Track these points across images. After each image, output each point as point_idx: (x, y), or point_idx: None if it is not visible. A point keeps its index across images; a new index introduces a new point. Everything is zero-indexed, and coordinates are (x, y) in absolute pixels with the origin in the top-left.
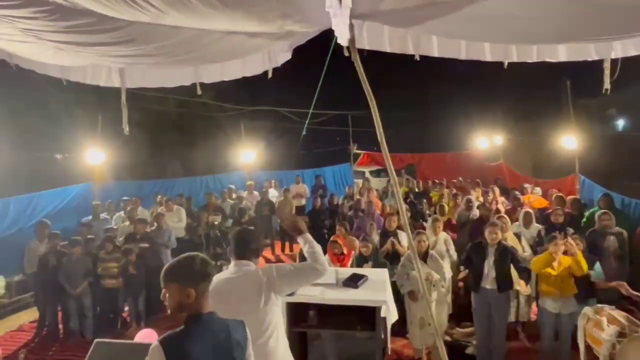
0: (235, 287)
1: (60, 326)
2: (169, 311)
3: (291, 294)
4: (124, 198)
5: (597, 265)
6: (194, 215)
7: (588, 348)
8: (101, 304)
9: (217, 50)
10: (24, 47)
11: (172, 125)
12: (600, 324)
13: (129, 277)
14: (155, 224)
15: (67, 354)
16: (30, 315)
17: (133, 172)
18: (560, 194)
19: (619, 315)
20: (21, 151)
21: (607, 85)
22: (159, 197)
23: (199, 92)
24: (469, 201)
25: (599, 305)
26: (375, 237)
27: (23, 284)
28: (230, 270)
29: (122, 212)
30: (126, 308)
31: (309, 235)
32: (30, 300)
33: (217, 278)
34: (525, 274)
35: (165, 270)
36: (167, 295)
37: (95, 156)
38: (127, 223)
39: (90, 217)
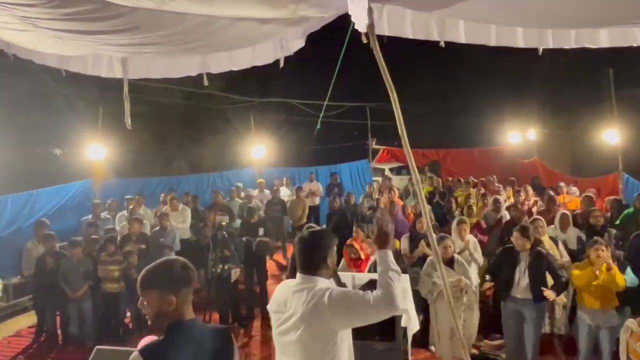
0: (291, 303)
1: (59, 332)
2: (149, 321)
3: None
4: (127, 197)
5: (629, 270)
6: (200, 215)
7: None
8: (102, 308)
9: (226, 37)
10: (22, 36)
11: (178, 118)
12: None
13: (131, 281)
14: (159, 225)
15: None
16: (28, 319)
17: (136, 168)
18: (589, 194)
19: None
20: (18, 146)
21: None
22: (163, 195)
23: (206, 82)
24: (497, 201)
25: None
26: (396, 241)
27: (21, 287)
28: (293, 283)
29: (124, 212)
30: (128, 314)
31: (390, 254)
32: (28, 304)
33: (283, 285)
34: (562, 283)
35: (142, 276)
36: (146, 303)
37: (96, 152)
38: (124, 223)
39: (90, 217)
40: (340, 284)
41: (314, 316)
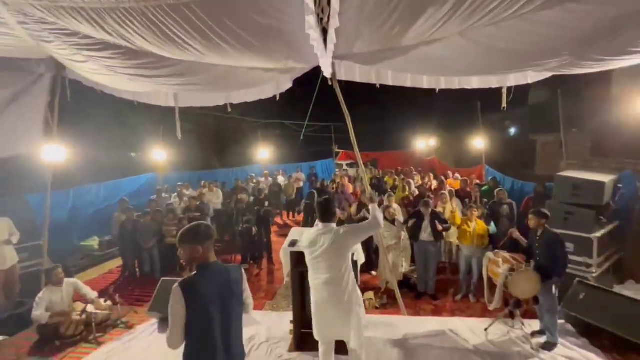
0: (321, 237)
1: (137, 270)
2: (183, 263)
3: (293, 245)
4: (179, 183)
5: (493, 225)
6: (227, 195)
7: (490, 279)
8: (165, 255)
9: (242, 81)
10: (106, 79)
11: (212, 132)
12: (498, 263)
13: None
14: (199, 201)
15: (142, 288)
16: (117, 262)
17: (185, 165)
18: (466, 178)
19: (510, 257)
20: (107, 151)
21: (504, 104)
22: (203, 182)
23: (229, 109)
24: (409, 184)
25: (497, 250)
26: (348, 209)
27: (111, 242)
28: (319, 227)
29: (176, 193)
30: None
31: (376, 205)
32: (117, 253)
33: (309, 232)
34: (447, 228)
35: (179, 235)
36: (182, 252)
37: (159, 154)
38: (177, 200)
39: (155, 196)
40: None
41: (335, 244)
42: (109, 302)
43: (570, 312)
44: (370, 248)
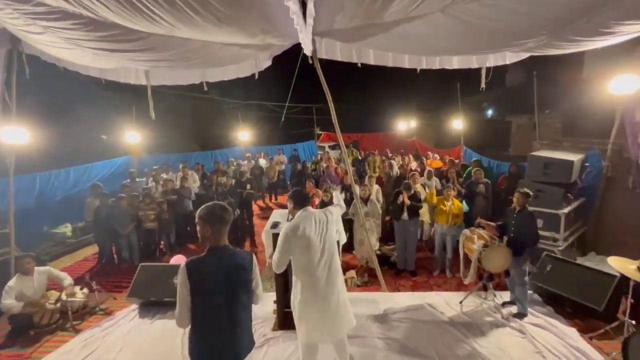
0: (313, 227)
1: (115, 256)
2: (200, 240)
3: (275, 227)
4: (155, 167)
5: (465, 204)
6: (207, 177)
7: (465, 255)
8: (143, 239)
9: (218, 57)
10: (67, 53)
11: (190, 114)
12: (473, 240)
13: (163, 220)
14: (179, 184)
15: (121, 275)
16: (92, 249)
17: (161, 148)
18: (451, 158)
19: (484, 233)
20: (77, 134)
21: (482, 85)
22: (181, 165)
23: (206, 88)
24: (391, 165)
25: (472, 227)
26: (331, 189)
27: (85, 228)
28: (301, 215)
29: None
30: (162, 242)
31: (339, 194)
32: (91, 239)
33: (296, 223)
34: (419, 203)
35: (197, 212)
36: (198, 228)
37: (132, 137)
38: (154, 184)
39: (128, 180)
40: None
41: (331, 226)
42: (85, 290)
43: (537, 283)
44: (353, 229)
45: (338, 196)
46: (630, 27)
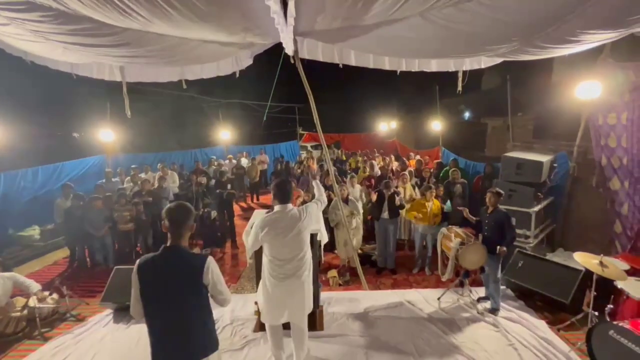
0: (286, 224)
1: (88, 259)
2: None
3: None
4: (132, 166)
5: (448, 203)
6: (186, 177)
7: (443, 252)
8: (119, 241)
9: (197, 54)
10: (35, 46)
11: (169, 112)
12: (450, 238)
13: (139, 222)
14: (157, 184)
15: (94, 279)
16: (63, 253)
17: (139, 146)
18: (423, 159)
19: (462, 231)
20: (46, 131)
21: (459, 88)
22: (159, 165)
23: (184, 86)
24: (372, 165)
25: (450, 225)
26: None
27: (54, 231)
28: (277, 211)
29: (129, 177)
30: (139, 244)
31: (317, 181)
32: (62, 243)
33: (269, 218)
34: (402, 206)
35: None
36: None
37: (107, 135)
38: (132, 184)
39: (104, 180)
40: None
41: (301, 225)
42: (55, 295)
43: (510, 278)
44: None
45: (319, 187)
46: (593, 36)
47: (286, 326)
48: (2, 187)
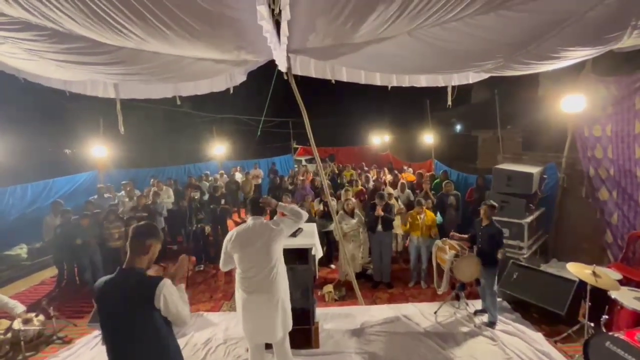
0: (253, 234)
1: (77, 278)
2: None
3: None
4: (123, 182)
5: (439, 215)
6: (180, 192)
7: (438, 265)
8: (108, 259)
9: (191, 72)
10: (29, 64)
11: (162, 127)
12: (445, 250)
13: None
14: (151, 199)
15: (82, 299)
16: (50, 272)
17: (131, 162)
18: (421, 172)
19: (456, 244)
20: (36, 148)
21: (449, 102)
22: (152, 180)
23: (179, 102)
24: (367, 178)
25: (444, 238)
26: (306, 203)
27: (42, 249)
28: (248, 223)
29: (122, 192)
30: None
31: (281, 204)
32: (49, 262)
33: (239, 228)
34: (396, 219)
35: None
36: None
37: (99, 150)
38: (127, 199)
39: (96, 196)
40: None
41: (266, 238)
42: (41, 317)
43: (505, 290)
44: (331, 242)
45: (285, 208)
46: (573, 53)
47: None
48: None
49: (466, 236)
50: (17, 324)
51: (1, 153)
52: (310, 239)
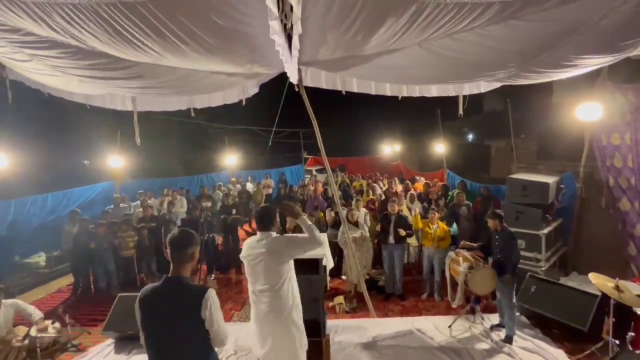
0: (256, 249)
1: (92, 286)
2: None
3: None
4: (139, 192)
5: (455, 226)
6: (192, 202)
7: (452, 277)
8: (122, 268)
9: (205, 85)
10: (53, 80)
11: (176, 138)
12: (459, 262)
13: (142, 248)
14: (166, 209)
15: (97, 306)
16: (67, 280)
17: (146, 172)
18: (428, 182)
19: (470, 255)
20: (58, 159)
21: (460, 112)
22: (166, 190)
23: (193, 114)
24: (374, 187)
25: (458, 250)
26: (317, 213)
27: (60, 258)
28: (256, 237)
29: (138, 202)
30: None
31: (304, 217)
32: (67, 269)
33: (246, 243)
34: (410, 231)
35: None
36: None
37: (116, 161)
38: (141, 210)
39: (112, 206)
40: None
41: (273, 253)
42: (57, 324)
43: (523, 304)
44: (342, 252)
45: (304, 224)
46: (588, 61)
47: None
48: (12, 214)
49: (476, 245)
50: (34, 331)
51: (24, 164)
52: (320, 249)
